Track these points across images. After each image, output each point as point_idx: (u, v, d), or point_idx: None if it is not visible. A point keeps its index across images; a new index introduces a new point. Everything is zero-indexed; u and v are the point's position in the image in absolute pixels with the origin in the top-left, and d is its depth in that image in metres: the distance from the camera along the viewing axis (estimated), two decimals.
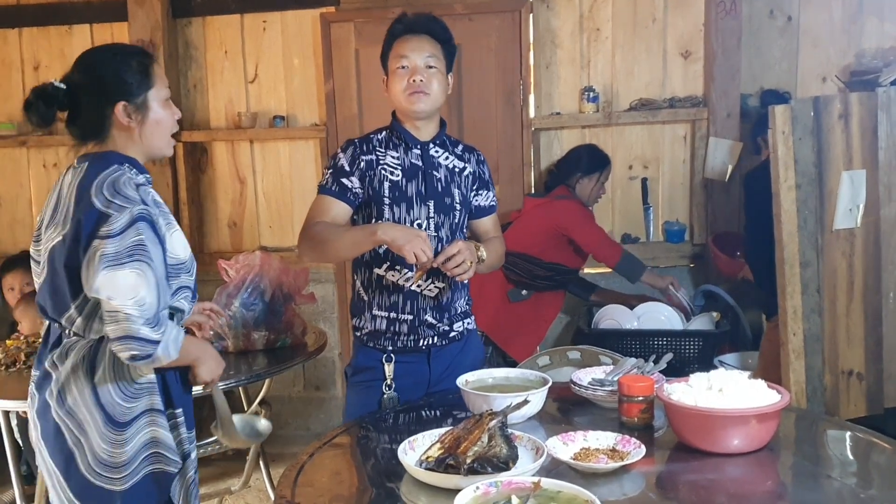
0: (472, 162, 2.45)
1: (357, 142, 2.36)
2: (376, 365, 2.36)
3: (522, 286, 3.69)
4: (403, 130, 2.34)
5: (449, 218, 2.35)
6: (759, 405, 1.73)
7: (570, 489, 1.40)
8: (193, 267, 2.03)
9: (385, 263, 2.32)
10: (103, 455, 1.87)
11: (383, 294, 2.34)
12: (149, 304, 1.78)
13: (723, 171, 4.03)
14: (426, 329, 2.35)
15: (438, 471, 1.62)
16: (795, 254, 2.74)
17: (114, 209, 1.81)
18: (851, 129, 2.75)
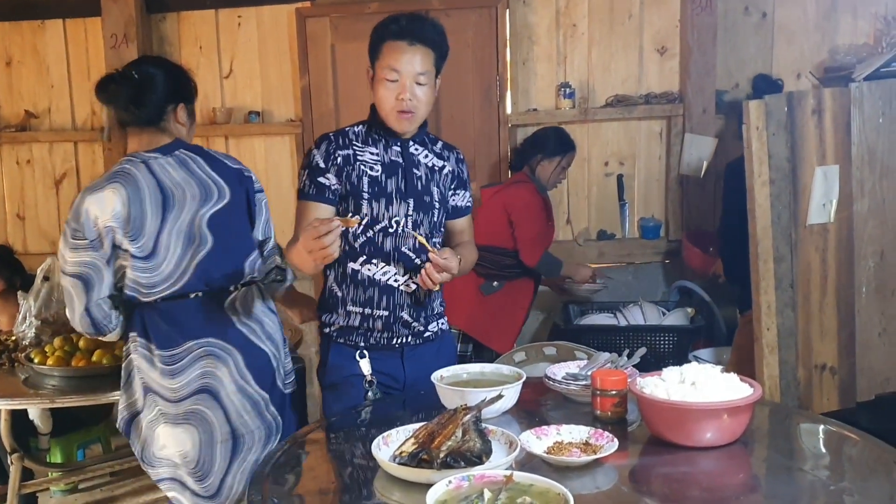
0: (452, 161, 2.41)
1: (332, 136, 2.29)
2: (349, 362, 2.28)
3: (493, 278, 3.67)
4: (384, 126, 2.27)
5: (428, 216, 2.30)
6: (731, 399, 1.74)
7: (543, 482, 1.40)
8: None
9: (360, 257, 2.26)
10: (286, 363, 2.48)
11: (358, 289, 2.27)
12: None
13: (698, 167, 4.05)
14: (401, 327, 2.29)
15: (412, 465, 1.61)
16: (769, 249, 2.75)
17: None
18: (825, 124, 2.77)
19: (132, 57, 4.19)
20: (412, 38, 2.21)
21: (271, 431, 2.38)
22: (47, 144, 4.56)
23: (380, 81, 2.23)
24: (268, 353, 2.39)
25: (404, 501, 1.57)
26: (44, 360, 2.70)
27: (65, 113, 4.55)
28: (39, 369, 2.68)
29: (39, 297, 3.03)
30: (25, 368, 2.76)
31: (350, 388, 2.27)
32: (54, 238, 4.61)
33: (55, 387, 2.63)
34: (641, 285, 4.19)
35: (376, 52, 2.26)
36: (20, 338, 2.99)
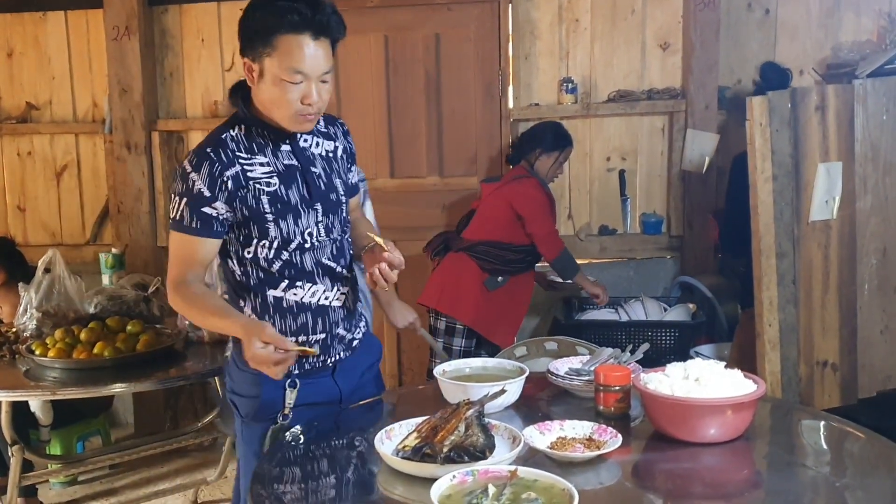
0: (340, 136, 2.10)
1: (211, 153, 1.88)
2: (279, 394, 2.00)
3: (497, 273, 3.66)
4: (268, 127, 1.93)
5: (338, 215, 2.04)
6: (734, 395, 1.74)
7: (547, 478, 1.40)
8: None
9: (281, 283, 1.98)
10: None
11: (286, 318, 1.99)
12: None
13: (700, 163, 4.04)
14: (337, 344, 2.07)
15: (415, 460, 1.61)
16: (772, 245, 2.76)
17: None
18: (828, 121, 2.77)
19: (134, 49, 4.20)
20: (317, 31, 1.84)
21: None
22: (48, 136, 4.54)
23: (276, 82, 1.84)
24: None
25: (407, 495, 1.57)
26: (45, 352, 2.70)
27: (66, 105, 4.54)
28: (40, 361, 2.68)
29: (41, 288, 3.03)
30: (26, 360, 2.76)
31: (268, 424, 2.01)
32: (55, 230, 4.61)
33: (56, 379, 2.62)
34: (643, 281, 4.19)
35: (266, 44, 1.84)
36: (21, 329, 2.99)
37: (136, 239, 4.36)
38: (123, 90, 4.26)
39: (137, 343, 2.78)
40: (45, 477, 3.45)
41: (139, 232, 4.37)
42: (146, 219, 4.36)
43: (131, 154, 4.31)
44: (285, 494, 1.61)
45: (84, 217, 4.58)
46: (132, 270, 3.98)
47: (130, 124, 4.29)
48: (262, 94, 1.89)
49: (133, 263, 4.22)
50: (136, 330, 2.88)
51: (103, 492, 3.85)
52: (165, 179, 4.40)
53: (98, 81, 4.45)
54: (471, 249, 3.68)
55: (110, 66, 4.27)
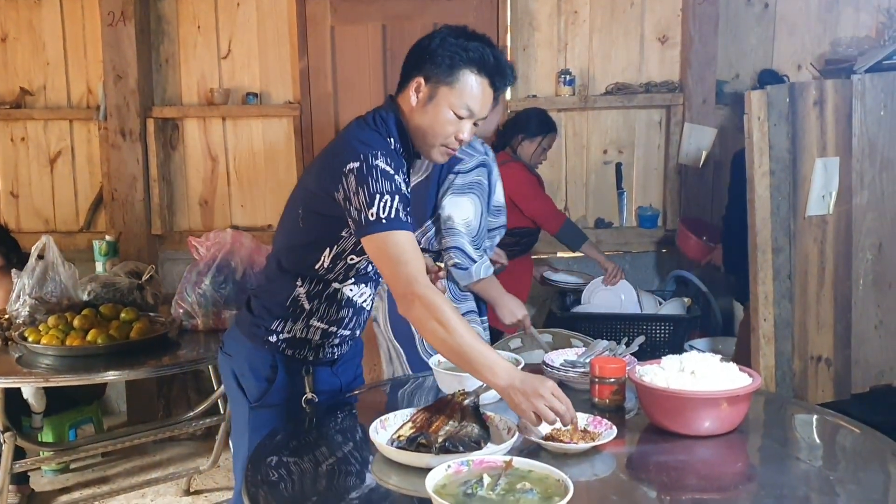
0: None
1: (396, 153, 1.91)
2: (297, 379, 2.05)
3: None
4: (411, 149, 1.97)
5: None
6: (730, 388, 1.74)
7: (542, 468, 1.39)
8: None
9: (349, 280, 2.01)
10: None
11: (331, 307, 2.02)
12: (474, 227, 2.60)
13: (697, 157, 4.04)
14: (349, 342, 2.13)
15: (410, 449, 1.61)
16: (768, 240, 2.75)
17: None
18: (826, 115, 2.77)
19: (129, 35, 4.18)
20: (496, 81, 1.90)
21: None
22: (42, 122, 4.51)
23: (445, 111, 1.87)
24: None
25: (401, 485, 1.57)
26: (38, 339, 2.68)
27: (60, 91, 4.51)
28: (33, 348, 2.66)
29: (34, 275, 3.01)
30: (19, 347, 2.75)
31: (290, 409, 2.03)
32: (48, 217, 4.58)
33: (49, 366, 2.61)
34: (638, 274, 4.19)
35: (451, 74, 1.86)
36: (14, 316, 2.97)
37: (130, 226, 4.34)
38: (118, 76, 4.23)
39: (131, 331, 2.77)
40: (38, 464, 3.44)
41: (133, 219, 4.34)
42: (140, 206, 4.34)
43: (126, 141, 4.29)
44: (280, 482, 1.61)
45: (78, 204, 4.56)
46: (126, 258, 3.96)
47: (125, 111, 4.27)
48: (422, 118, 1.89)
49: (127, 251, 4.21)
50: (130, 317, 2.87)
51: (95, 479, 3.84)
52: (160, 167, 4.38)
53: (93, 67, 4.42)
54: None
55: (105, 52, 4.24)
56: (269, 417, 2.01)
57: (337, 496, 1.61)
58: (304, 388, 2.03)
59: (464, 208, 2.64)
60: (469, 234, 2.64)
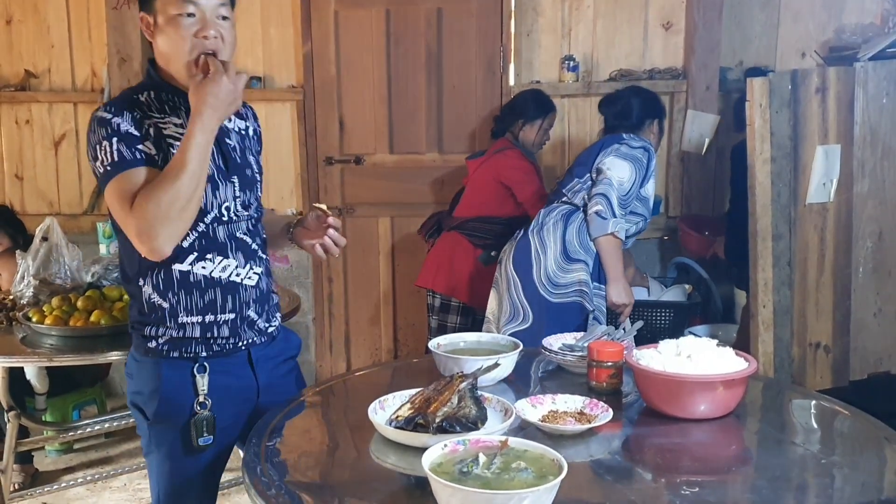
0: (250, 118, 2.01)
1: (125, 103, 1.76)
2: (185, 381, 1.84)
3: (490, 248, 3.66)
4: (179, 92, 1.79)
5: (254, 193, 1.93)
6: (725, 372, 1.75)
7: (537, 448, 1.41)
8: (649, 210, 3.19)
9: (191, 254, 1.81)
10: (551, 273, 3.04)
11: (193, 294, 1.82)
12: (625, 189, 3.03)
13: (700, 144, 4.04)
14: (247, 328, 1.91)
15: (407, 429, 1.62)
16: (768, 227, 2.76)
17: None
18: (828, 103, 2.77)
19: (134, 18, 4.17)
20: None
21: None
22: (46, 105, 4.53)
23: (170, 21, 1.74)
24: None
25: (399, 464, 1.59)
26: (41, 319, 2.70)
27: (65, 73, 4.52)
28: (37, 328, 2.68)
29: (38, 256, 3.02)
30: (23, 327, 2.77)
31: (182, 419, 1.84)
32: (52, 199, 4.60)
33: (53, 346, 2.63)
34: (640, 261, 4.19)
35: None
36: (18, 297, 2.99)
37: None
38: (123, 59, 4.24)
39: None
40: (41, 443, 3.47)
41: None
42: None
43: None
44: (278, 462, 1.63)
45: (82, 187, 4.58)
46: None
47: None
48: (161, 46, 1.77)
49: None
50: None
51: (98, 460, 3.87)
52: None
53: (97, 50, 4.43)
54: (462, 227, 3.69)
55: (110, 35, 4.24)
56: (167, 431, 1.86)
57: (335, 475, 1.63)
58: (195, 390, 1.83)
59: (622, 169, 3.05)
60: (619, 192, 3.03)
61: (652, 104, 3.32)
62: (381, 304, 4.45)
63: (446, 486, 1.27)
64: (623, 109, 3.26)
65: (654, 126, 3.33)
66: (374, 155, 4.29)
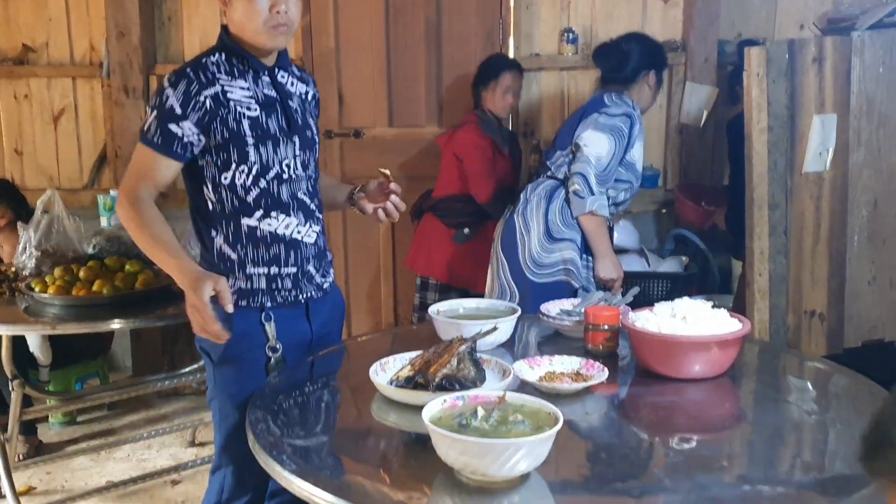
0: (311, 84, 2.16)
1: (190, 72, 1.90)
2: (254, 329, 1.99)
3: (462, 226, 3.62)
4: (248, 55, 1.95)
5: (313, 154, 2.09)
6: (719, 332, 1.78)
7: (534, 402, 1.44)
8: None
9: (256, 212, 1.98)
10: (535, 254, 2.97)
11: (259, 247, 1.99)
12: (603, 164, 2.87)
13: (698, 116, 4.05)
14: (307, 283, 2.07)
15: (408, 388, 1.66)
16: (764, 196, 2.78)
17: None
18: (825, 72, 2.78)
19: None
20: None
21: None
22: (45, 79, 4.52)
23: None
24: None
25: (399, 422, 1.62)
26: (44, 289, 2.72)
27: (63, 48, 4.51)
28: (40, 298, 2.70)
29: (39, 228, 3.05)
30: (26, 297, 2.79)
31: (253, 361, 2.00)
32: (52, 174, 4.61)
33: (56, 315, 2.65)
34: (638, 234, 4.22)
35: None
36: (20, 268, 3.02)
37: None
38: (121, 33, 4.23)
39: (136, 282, 2.81)
40: (45, 412, 3.50)
41: None
42: None
43: (129, 98, 4.30)
44: (280, 421, 1.66)
45: (82, 161, 4.58)
46: None
47: (128, 68, 4.28)
48: (235, 15, 1.92)
49: None
50: (135, 269, 2.90)
51: (102, 431, 3.91)
52: None
53: (95, 24, 4.42)
54: (434, 208, 3.68)
55: (108, 9, 4.23)
56: (232, 373, 1.99)
57: (338, 433, 1.66)
58: (266, 337, 1.99)
59: (599, 143, 2.90)
60: (597, 168, 2.90)
61: (651, 53, 3.12)
62: (381, 278, 4.47)
63: (445, 436, 1.30)
64: (618, 60, 3.08)
65: (650, 78, 3.12)
66: (374, 128, 4.29)
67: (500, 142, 3.65)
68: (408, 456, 1.54)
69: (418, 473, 1.42)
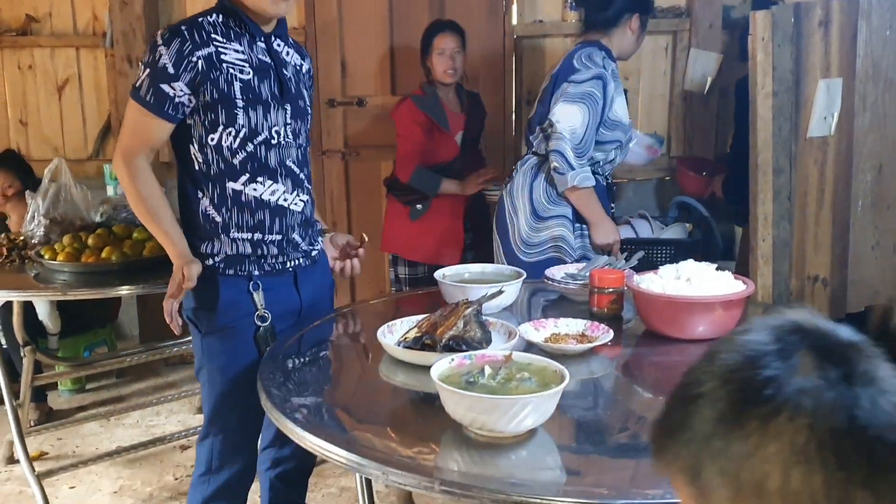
0: (307, 58, 2.17)
1: (185, 31, 1.88)
2: (243, 297, 1.99)
3: (414, 202, 3.58)
4: (246, 18, 1.94)
5: (304, 124, 2.09)
6: (723, 293, 1.80)
7: (540, 360, 1.46)
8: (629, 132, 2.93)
9: (242, 176, 1.96)
10: (524, 235, 2.89)
11: (244, 213, 1.98)
12: (579, 135, 2.74)
13: (702, 83, 4.04)
14: (292, 250, 2.06)
15: (415, 349, 1.68)
16: (769, 161, 2.78)
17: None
18: (831, 36, 2.77)
19: None
20: None
21: None
22: (49, 49, 4.52)
23: None
24: None
25: (407, 381, 1.65)
26: (54, 257, 2.74)
27: (66, 18, 4.50)
28: (50, 265, 2.73)
29: (47, 196, 3.06)
30: (35, 265, 2.82)
31: (241, 331, 2.00)
32: (57, 144, 4.62)
33: (65, 282, 2.68)
34: (642, 201, 4.23)
35: None
36: (29, 236, 3.04)
37: None
38: (124, 3, 4.22)
39: (144, 249, 2.83)
40: (55, 378, 3.54)
41: None
42: None
43: (133, 68, 4.29)
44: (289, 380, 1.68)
45: (87, 131, 4.59)
46: None
47: (132, 38, 4.26)
48: None
49: None
50: (143, 237, 2.92)
51: (111, 399, 3.96)
52: None
53: None
54: (390, 187, 3.67)
55: None
56: (220, 343, 2.00)
57: (346, 392, 1.69)
58: (254, 306, 1.99)
59: (571, 116, 2.76)
60: (573, 142, 2.76)
61: None
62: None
63: (454, 393, 1.33)
64: (601, 0, 2.93)
65: (633, 21, 2.97)
66: (377, 97, 4.29)
67: (439, 118, 3.52)
68: (416, 414, 1.57)
69: (426, 431, 1.45)
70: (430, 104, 3.53)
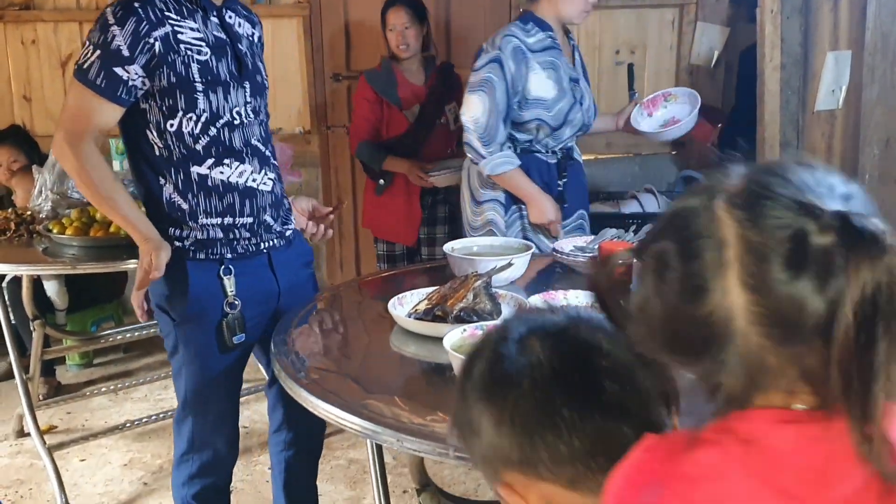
0: (258, 25, 2.05)
1: (139, 9, 1.74)
2: (213, 283, 1.90)
3: (377, 177, 3.54)
4: None
5: (263, 99, 1.99)
6: None
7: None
8: (557, 106, 2.65)
9: (208, 160, 1.86)
10: (468, 218, 2.84)
11: (212, 196, 1.88)
12: (482, 124, 2.58)
13: (709, 57, 4.03)
14: (265, 232, 1.98)
15: (427, 320, 1.69)
16: (776, 134, 2.79)
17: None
18: (840, 8, 2.76)
19: None
20: None
21: None
22: (52, 24, 4.50)
23: None
24: None
25: (419, 352, 1.66)
26: (62, 231, 2.75)
27: None
28: (58, 239, 2.74)
29: (54, 171, 3.07)
30: (44, 240, 2.83)
31: (214, 318, 1.91)
32: None
33: (74, 255, 2.69)
34: (648, 176, 4.22)
35: None
36: (37, 211, 3.05)
37: None
38: None
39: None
40: (64, 352, 3.56)
41: None
42: None
43: None
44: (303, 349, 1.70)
45: None
46: None
47: None
48: None
49: None
50: None
51: (118, 374, 3.98)
52: None
53: None
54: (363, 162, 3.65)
55: None
56: (193, 331, 1.92)
57: (358, 362, 1.71)
58: (223, 292, 1.90)
59: (471, 106, 2.63)
60: (477, 131, 2.62)
61: None
62: (340, 238, 4.49)
63: None
64: None
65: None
66: None
67: (386, 92, 3.46)
68: (427, 384, 1.59)
69: (437, 400, 1.46)
70: (380, 79, 3.48)
